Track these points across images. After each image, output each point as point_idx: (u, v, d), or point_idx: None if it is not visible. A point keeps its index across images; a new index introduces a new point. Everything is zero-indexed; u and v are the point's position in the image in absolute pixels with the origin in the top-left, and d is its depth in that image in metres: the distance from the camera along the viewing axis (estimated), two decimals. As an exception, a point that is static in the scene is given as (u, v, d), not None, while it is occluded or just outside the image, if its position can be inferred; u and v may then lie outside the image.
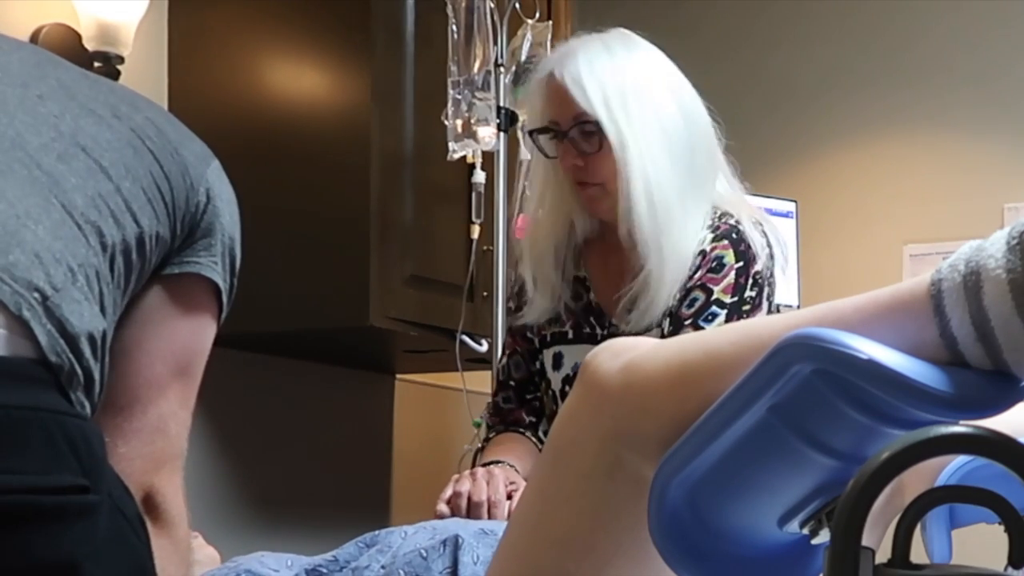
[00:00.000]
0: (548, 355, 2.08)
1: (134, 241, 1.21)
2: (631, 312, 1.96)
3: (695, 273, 1.96)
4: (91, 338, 1.12)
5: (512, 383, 2.16)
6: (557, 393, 2.08)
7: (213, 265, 1.31)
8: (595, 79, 1.94)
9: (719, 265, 1.95)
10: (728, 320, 1.93)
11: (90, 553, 1.06)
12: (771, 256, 1.99)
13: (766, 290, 1.97)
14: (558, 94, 1.97)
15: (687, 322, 1.93)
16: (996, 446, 0.75)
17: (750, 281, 1.95)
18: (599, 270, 2.07)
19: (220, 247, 1.32)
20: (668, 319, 1.96)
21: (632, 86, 1.95)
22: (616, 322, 2.00)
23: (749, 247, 1.96)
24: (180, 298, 1.30)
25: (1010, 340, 0.82)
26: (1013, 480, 0.76)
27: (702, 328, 1.91)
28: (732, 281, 1.94)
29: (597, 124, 1.93)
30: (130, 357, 1.27)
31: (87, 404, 1.13)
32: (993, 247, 0.83)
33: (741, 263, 1.95)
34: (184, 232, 1.29)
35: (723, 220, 1.98)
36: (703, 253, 1.96)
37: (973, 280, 0.83)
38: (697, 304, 1.94)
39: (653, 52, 2.03)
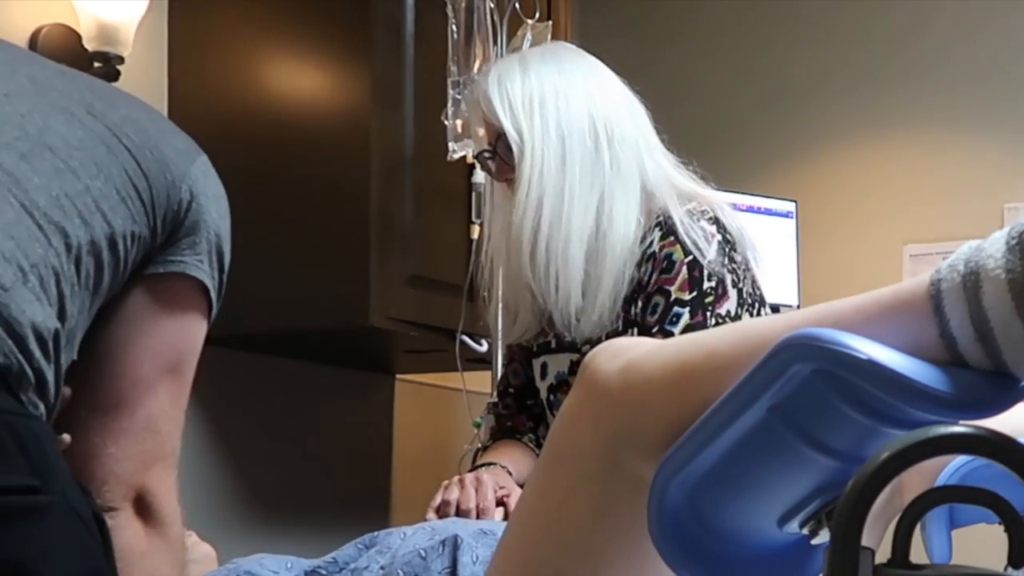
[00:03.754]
0: (536, 365, 2.08)
1: (104, 241, 1.19)
2: (576, 321, 1.95)
3: (650, 277, 1.93)
4: (41, 339, 1.10)
5: (511, 390, 2.17)
6: (545, 402, 2.08)
7: (199, 264, 1.30)
8: (502, 93, 1.97)
9: (669, 264, 1.92)
10: (693, 317, 1.89)
11: (41, 553, 1.04)
12: (726, 242, 1.94)
13: (729, 277, 1.92)
14: (481, 115, 2.01)
15: (654, 329, 1.91)
16: (996, 446, 0.75)
17: (705, 272, 1.90)
18: None
19: (206, 245, 1.30)
20: (635, 328, 1.94)
21: (539, 96, 1.96)
22: (561, 332, 1.99)
23: (697, 239, 1.92)
24: (166, 297, 1.29)
25: (1009, 340, 0.82)
26: (1013, 480, 0.76)
27: (671, 333, 1.88)
28: (686, 276, 1.90)
29: (507, 136, 1.96)
30: (116, 357, 1.26)
31: (41, 405, 1.12)
32: (992, 247, 0.83)
33: (691, 256, 1.91)
34: (166, 230, 1.27)
35: (667, 217, 1.95)
36: (653, 256, 1.94)
37: (972, 280, 0.83)
38: (659, 309, 1.91)
39: (572, 61, 2.02)
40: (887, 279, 2.14)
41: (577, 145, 1.94)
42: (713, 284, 1.91)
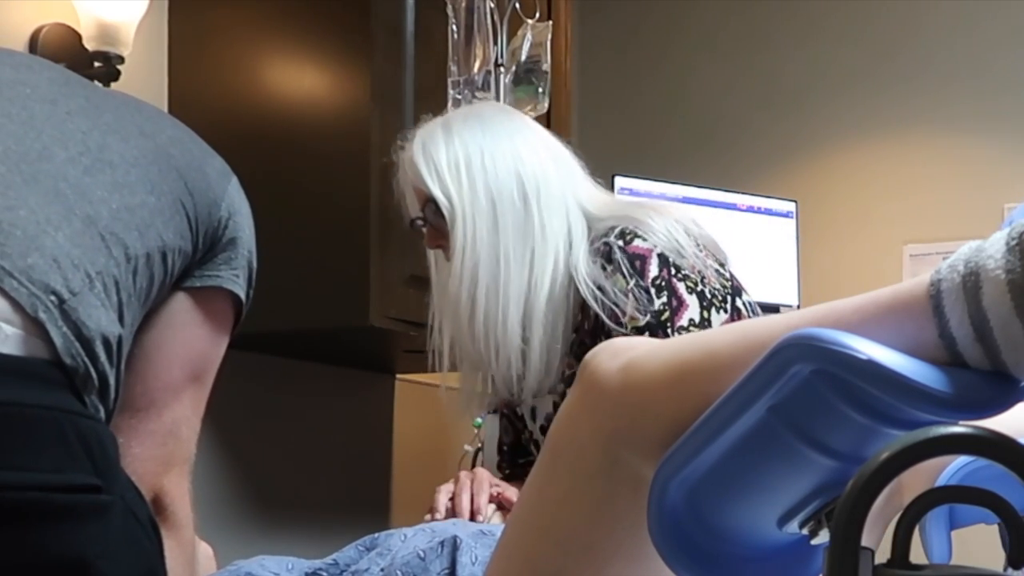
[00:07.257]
0: (526, 408, 2.03)
1: (157, 254, 1.25)
2: (519, 387, 1.92)
3: (598, 321, 1.84)
4: (107, 343, 1.14)
5: (505, 448, 2.14)
6: (539, 442, 2.03)
7: (235, 278, 1.37)
8: (428, 158, 1.92)
9: (611, 301, 1.83)
10: (654, 336, 1.80)
11: (102, 552, 1.08)
12: (665, 256, 1.84)
13: (681, 285, 1.83)
14: (408, 182, 1.98)
15: None
16: (996, 446, 0.75)
17: (652, 290, 1.82)
18: None
19: (241, 260, 1.38)
20: None
21: (464, 159, 1.91)
22: (504, 396, 1.97)
23: (633, 259, 1.84)
24: (202, 308, 1.35)
25: (1009, 341, 0.82)
26: (1013, 480, 0.76)
27: None
28: (634, 303, 1.81)
29: (436, 201, 1.92)
30: (150, 361, 1.31)
31: (101, 409, 1.15)
32: (992, 248, 0.83)
33: (633, 279, 1.83)
34: (205, 246, 1.33)
35: (602, 243, 1.88)
36: (583, 302, 1.86)
37: (972, 281, 0.83)
38: None
39: (496, 120, 1.98)
40: (887, 279, 2.14)
41: (508, 207, 1.89)
42: (665, 299, 1.82)
